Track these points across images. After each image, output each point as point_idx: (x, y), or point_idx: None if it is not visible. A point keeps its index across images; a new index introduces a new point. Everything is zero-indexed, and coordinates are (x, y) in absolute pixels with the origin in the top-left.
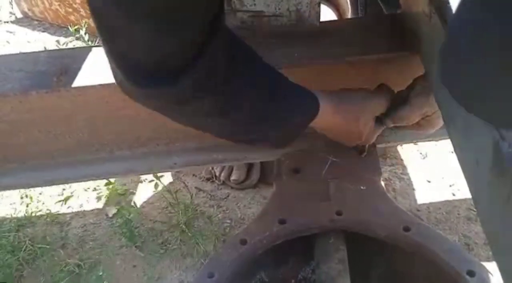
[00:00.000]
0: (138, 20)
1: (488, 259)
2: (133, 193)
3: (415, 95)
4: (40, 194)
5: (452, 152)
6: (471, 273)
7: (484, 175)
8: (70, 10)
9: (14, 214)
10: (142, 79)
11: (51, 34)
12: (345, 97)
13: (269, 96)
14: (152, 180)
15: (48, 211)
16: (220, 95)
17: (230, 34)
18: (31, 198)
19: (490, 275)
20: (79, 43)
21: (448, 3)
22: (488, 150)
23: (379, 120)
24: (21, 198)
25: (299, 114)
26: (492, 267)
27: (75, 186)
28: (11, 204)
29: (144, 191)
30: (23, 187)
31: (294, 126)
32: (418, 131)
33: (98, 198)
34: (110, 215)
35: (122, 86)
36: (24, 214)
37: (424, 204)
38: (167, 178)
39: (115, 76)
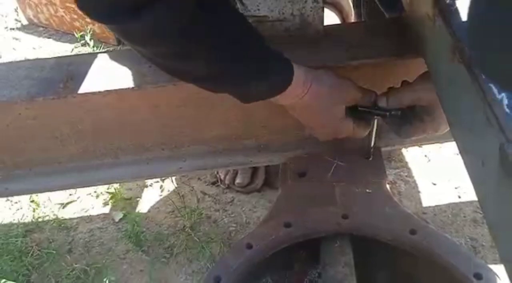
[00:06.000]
0: None
1: (495, 262)
2: (139, 198)
3: (423, 82)
4: (47, 199)
5: (457, 154)
6: (478, 276)
7: (490, 177)
8: (75, 16)
9: (21, 219)
10: (104, 14)
11: (57, 40)
12: (317, 76)
13: (239, 52)
14: (158, 184)
15: (54, 216)
16: (182, 38)
17: None
18: (37, 203)
19: (497, 278)
20: (84, 49)
21: (452, 5)
22: (494, 151)
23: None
24: (29, 203)
25: (271, 74)
26: (499, 269)
27: (81, 191)
28: (18, 210)
29: (150, 196)
30: (30, 193)
31: (263, 86)
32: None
33: (104, 203)
34: (116, 220)
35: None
36: (31, 219)
37: (429, 207)
38: (172, 182)
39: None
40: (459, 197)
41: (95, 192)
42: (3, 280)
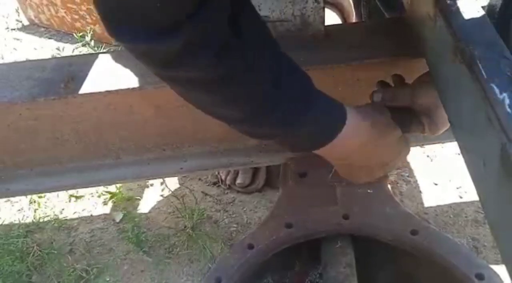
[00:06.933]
0: None
1: (496, 262)
2: (140, 198)
3: (420, 83)
4: (48, 199)
5: (459, 154)
6: (480, 276)
7: (492, 177)
8: (76, 17)
9: (22, 219)
10: (127, 33)
11: (58, 41)
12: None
13: (278, 88)
14: (159, 185)
15: (55, 217)
16: (211, 69)
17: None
18: (38, 203)
19: (499, 278)
20: (85, 50)
21: (453, 5)
22: (495, 151)
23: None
24: (29, 203)
25: (314, 113)
26: (501, 270)
27: (82, 191)
28: (19, 210)
29: (151, 196)
30: (31, 193)
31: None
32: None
33: (105, 203)
34: (117, 220)
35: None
36: (32, 220)
37: (431, 207)
38: (173, 182)
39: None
40: (461, 197)
41: (96, 192)
42: (4, 281)
